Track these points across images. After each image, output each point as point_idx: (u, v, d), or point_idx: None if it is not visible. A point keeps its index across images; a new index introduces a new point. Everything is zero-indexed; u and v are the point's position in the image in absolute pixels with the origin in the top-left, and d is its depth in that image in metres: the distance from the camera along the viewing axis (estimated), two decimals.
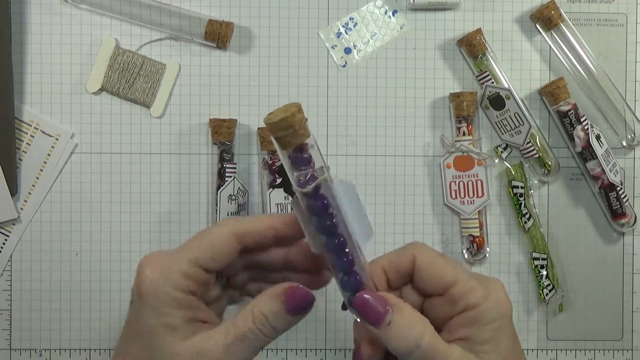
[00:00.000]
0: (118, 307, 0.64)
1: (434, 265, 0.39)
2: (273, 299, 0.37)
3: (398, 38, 0.65)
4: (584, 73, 0.64)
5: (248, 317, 0.37)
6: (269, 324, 0.37)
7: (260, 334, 0.37)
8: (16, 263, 0.63)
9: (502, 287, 0.39)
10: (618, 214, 0.64)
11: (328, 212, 0.37)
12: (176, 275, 0.36)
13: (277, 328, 0.37)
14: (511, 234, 0.65)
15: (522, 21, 0.65)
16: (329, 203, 0.37)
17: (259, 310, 0.37)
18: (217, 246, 0.38)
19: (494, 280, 0.39)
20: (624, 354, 0.66)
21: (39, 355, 0.64)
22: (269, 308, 0.37)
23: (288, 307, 0.37)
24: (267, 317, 0.37)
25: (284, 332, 0.38)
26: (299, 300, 0.37)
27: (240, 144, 0.64)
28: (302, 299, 0.37)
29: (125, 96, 0.63)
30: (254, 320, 0.37)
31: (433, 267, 0.39)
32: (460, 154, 0.63)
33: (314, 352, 0.64)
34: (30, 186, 0.63)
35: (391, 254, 0.41)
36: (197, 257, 0.37)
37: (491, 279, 0.39)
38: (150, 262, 0.37)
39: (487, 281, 0.39)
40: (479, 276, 0.40)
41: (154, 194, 0.64)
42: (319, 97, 0.64)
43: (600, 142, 0.62)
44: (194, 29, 0.62)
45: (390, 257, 0.40)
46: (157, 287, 0.36)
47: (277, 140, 0.36)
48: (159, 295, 0.36)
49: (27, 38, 0.63)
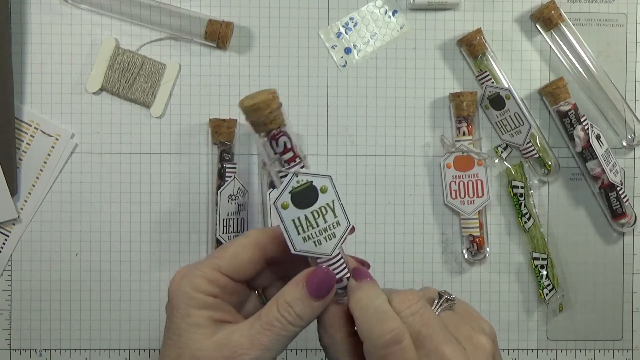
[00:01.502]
0: (118, 307, 0.64)
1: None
2: (295, 285, 0.39)
3: (398, 38, 0.65)
4: (584, 73, 0.64)
5: (272, 306, 0.38)
6: (293, 310, 0.38)
7: (285, 321, 0.38)
8: (16, 263, 0.63)
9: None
10: (618, 214, 0.64)
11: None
12: (198, 279, 0.39)
13: (301, 315, 0.38)
14: (511, 234, 0.65)
15: (522, 21, 0.65)
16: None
17: (283, 298, 0.38)
18: (239, 255, 0.40)
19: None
20: (624, 354, 0.66)
21: (39, 355, 0.64)
22: (292, 295, 0.38)
23: (309, 290, 0.38)
24: (290, 304, 0.38)
25: (309, 320, 0.39)
26: (320, 280, 0.38)
27: (240, 144, 0.64)
28: (322, 279, 0.39)
29: (125, 96, 0.63)
30: (279, 308, 0.38)
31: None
32: (460, 154, 0.63)
33: (314, 352, 0.64)
34: (30, 186, 0.63)
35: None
36: (219, 265, 0.39)
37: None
38: (180, 270, 0.40)
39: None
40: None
41: (154, 194, 0.64)
42: (319, 97, 0.64)
43: (600, 142, 0.62)
44: (194, 29, 0.62)
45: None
46: (180, 289, 0.39)
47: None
48: (182, 297, 0.38)
49: (27, 38, 0.63)
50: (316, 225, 0.39)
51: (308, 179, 0.39)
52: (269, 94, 0.37)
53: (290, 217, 0.39)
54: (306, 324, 0.39)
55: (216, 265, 0.39)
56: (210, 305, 0.39)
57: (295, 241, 0.39)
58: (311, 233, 0.39)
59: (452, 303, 0.41)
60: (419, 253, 0.65)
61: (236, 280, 0.40)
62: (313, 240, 0.39)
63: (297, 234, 0.39)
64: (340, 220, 0.40)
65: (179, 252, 0.64)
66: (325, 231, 0.39)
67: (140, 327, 0.64)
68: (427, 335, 0.37)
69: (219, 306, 0.39)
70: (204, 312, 0.38)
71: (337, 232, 0.40)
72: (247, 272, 0.40)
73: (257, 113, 0.37)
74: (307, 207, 0.39)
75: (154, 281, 0.64)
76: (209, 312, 0.38)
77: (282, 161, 0.39)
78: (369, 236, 0.64)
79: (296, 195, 0.39)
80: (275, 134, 0.38)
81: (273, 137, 0.38)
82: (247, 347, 0.37)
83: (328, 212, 0.39)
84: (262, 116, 0.37)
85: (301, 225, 0.39)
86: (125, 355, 0.64)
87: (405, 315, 0.38)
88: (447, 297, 0.40)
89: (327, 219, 0.39)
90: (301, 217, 0.39)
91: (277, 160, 0.39)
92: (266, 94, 0.37)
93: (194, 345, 0.38)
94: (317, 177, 0.39)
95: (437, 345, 0.37)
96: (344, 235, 0.40)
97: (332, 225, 0.40)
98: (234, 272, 0.40)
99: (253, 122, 0.38)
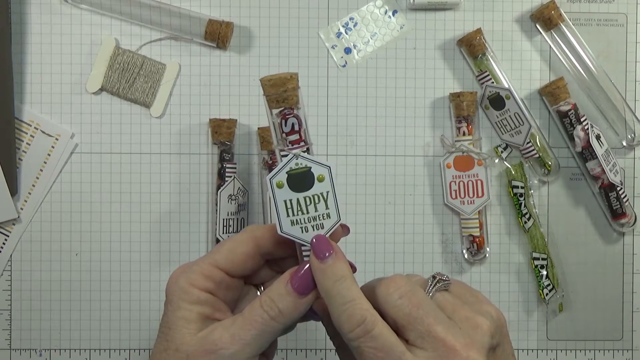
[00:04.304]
0: (118, 307, 0.64)
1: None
2: (280, 282, 0.39)
3: (398, 38, 0.65)
4: (584, 73, 0.64)
5: (256, 303, 0.39)
6: (276, 305, 0.38)
7: (268, 317, 0.38)
8: (16, 263, 0.63)
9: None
10: (618, 214, 0.64)
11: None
12: (195, 275, 0.39)
13: (283, 310, 0.38)
14: (511, 234, 0.65)
15: (522, 21, 0.65)
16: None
17: (267, 295, 0.39)
18: (235, 249, 0.40)
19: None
20: (624, 354, 0.66)
21: (39, 355, 0.64)
22: (276, 291, 0.39)
23: (293, 286, 0.38)
24: (274, 300, 0.38)
25: (292, 317, 0.39)
26: (302, 276, 0.39)
27: (240, 144, 0.64)
28: (304, 275, 0.39)
29: (125, 96, 0.63)
30: (262, 304, 0.38)
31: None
32: (460, 154, 0.63)
33: (314, 352, 0.64)
34: (30, 186, 0.63)
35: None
36: (216, 259, 0.40)
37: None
38: (180, 266, 0.41)
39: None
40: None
41: (154, 194, 0.64)
42: (319, 97, 0.64)
43: (600, 142, 0.62)
44: (194, 29, 0.62)
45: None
46: (177, 283, 0.39)
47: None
48: (177, 291, 0.39)
49: (27, 38, 0.63)
50: (306, 211, 0.40)
51: (307, 164, 0.40)
52: (288, 74, 0.39)
53: (283, 197, 0.39)
54: (289, 320, 0.39)
55: (213, 261, 0.40)
56: (203, 302, 0.39)
57: (283, 222, 0.40)
58: (300, 218, 0.40)
59: (447, 283, 0.39)
60: (419, 253, 0.65)
61: (233, 275, 0.40)
62: (300, 225, 0.40)
63: (287, 215, 0.39)
64: (331, 213, 0.40)
65: (179, 252, 0.64)
66: (314, 219, 0.40)
67: (140, 327, 0.64)
68: (417, 317, 0.36)
69: (211, 303, 0.39)
70: (196, 307, 0.39)
71: (326, 224, 0.40)
72: (243, 267, 0.41)
73: (273, 88, 0.39)
74: (301, 192, 0.40)
75: (154, 281, 0.64)
76: (200, 307, 0.39)
77: (287, 141, 0.40)
78: (369, 236, 0.64)
79: (292, 177, 0.40)
80: (286, 113, 0.40)
81: (283, 116, 0.40)
82: (228, 342, 0.37)
83: (321, 201, 0.40)
84: (277, 92, 0.39)
85: (292, 207, 0.40)
86: (125, 355, 0.64)
87: (393, 299, 0.37)
88: (441, 277, 0.40)
89: (318, 208, 0.40)
90: (293, 200, 0.39)
91: (283, 140, 0.40)
92: (286, 74, 0.39)
93: (180, 339, 0.38)
94: (316, 164, 0.40)
95: (429, 326, 0.36)
96: (332, 229, 0.40)
97: (322, 215, 0.40)
98: (230, 267, 0.40)
99: (268, 96, 0.39)
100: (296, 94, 0.40)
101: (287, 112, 0.40)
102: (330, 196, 0.40)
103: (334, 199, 0.40)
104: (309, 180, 0.40)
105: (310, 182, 0.40)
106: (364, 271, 0.64)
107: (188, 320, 0.38)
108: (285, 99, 0.39)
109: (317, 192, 0.40)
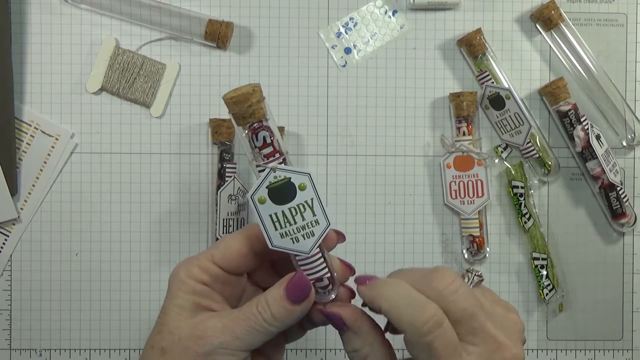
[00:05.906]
0: (118, 307, 0.64)
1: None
2: (278, 286, 0.40)
3: (398, 38, 0.65)
4: (584, 73, 0.64)
5: (253, 302, 0.40)
6: (270, 309, 0.39)
7: (260, 318, 0.39)
8: (16, 263, 0.63)
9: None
10: (618, 214, 0.64)
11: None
12: (193, 267, 0.41)
13: (276, 315, 0.39)
14: (511, 234, 0.65)
15: (522, 21, 0.65)
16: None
17: (264, 297, 0.40)
18: (229, 247, 0.41)
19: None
20: (624, 354, 0.66)
21: (39, 355, 0.64)
22: (273, 295, 0.39)
23: (286, 293, 0.39)
24: (268, 303, 0.39)
25: (285, 322, 0.39)
26: (294, 284, 0.39)
27: (240, 144, 0.64)
28: (296, 283, 0.39)
29: (125, 96, 0.63)
30: (257, 305, 0.39)
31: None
32: (460, 154, 0.63)
33: (314, 352, 0.64)
34: (30, 186, 0.63)
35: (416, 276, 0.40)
36: (213, 255, 0.41)
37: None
38: (183, 259, 0.42)
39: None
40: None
41: (154, 194, 0.64)
42: (319, 97, 0.64)
43: (600, 142, 0.62)
44: (194, 29, 0.62)
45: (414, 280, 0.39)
46: (177, 275, 0.41)
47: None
48: (176, 282, 0.41)
49: (27, 38, 0.63)
50: (294, 222, 0.39)
51: (286, 175, 0.39)
52: (250, 87, 0.38)
53: (268, 212, 0.39)
54: (282, 324, 0.39)
55: (210, 256, 0.41)
56: (198, 292, 0.40)
57: (272, 236, 0.39)
58: (289, 230, 0.39)
59: (481, 280, 0.40)
60: (419, 253, 0.65)
61: (227, 272, 0.41)
62: (290, 237, 0.39)
63: (275, 229, 0.39)
64: (320, 220, 0.40)
65: (179, 252, 0.64)
66: (303, 229, 0.40)
67: (140, 327, 0.64)
68: (472, 313, 0.37)
69: (207, 294, 0.41)
70: (191, 296, 0.40)
71: (316, 231, 0.40)
72: (237, 264, 0.42)
73: (237, 106, 0.38)
74: (285, 204, 0.39)
75: (154, 281, 0.64)
76: (195, 297, 0.40)
77: (262, 155, 0.39)
78: (369, 236, 0.64)
79: (273, 191, 0.39)
80: (256, 127, 0.39)
81: (253, 131, 0.39)
82: (219, 331, 0.39)
83: (307, 209, 0.40)
84: (242, 109, 0.38)
85: (278, 221, 0.39)
86: (125, 355, 0.64)
87: (448, 294, 0.37)
88: (477, 274, 0.40)
89: (305, 217, 0.40)
90: (278, 213, 0.39)
91: (258, 154, 0.39)
92: (247, 87, 0.38)
93: (174, 323, 0.40)
94: (295, 174, 0.39)
95: (483, 323, 0.37)
96: (323, 234, 0.40)
97: (310, 223, 0.40)
98: (225, 263, 0.41)
99: (234, 114, 0.39)
100: (261, 107, 0.39)
101: (256, 126, 0.39)
102: (316, 202, 0.40)
103: (320, 205, 0.40)
104: (290, 191, 0.39)
105: (292, 192, 0.39)
106: (364, 271, 0.64)
107: (183, 307, 0.40)
108: (252, 114, 0.39)
109: (301, 201, 0.39)
